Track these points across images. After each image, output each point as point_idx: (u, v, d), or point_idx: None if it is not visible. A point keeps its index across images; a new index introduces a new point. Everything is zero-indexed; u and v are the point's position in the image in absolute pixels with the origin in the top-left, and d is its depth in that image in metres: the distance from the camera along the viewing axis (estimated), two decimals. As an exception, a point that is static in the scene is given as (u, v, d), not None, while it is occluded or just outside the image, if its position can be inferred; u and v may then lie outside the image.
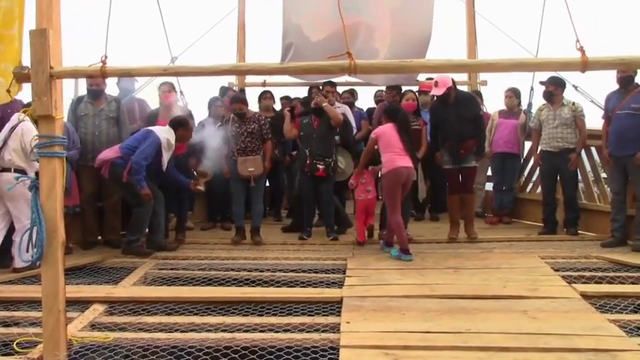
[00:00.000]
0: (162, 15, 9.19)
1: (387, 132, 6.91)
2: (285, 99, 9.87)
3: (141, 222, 6.97)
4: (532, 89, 9.15)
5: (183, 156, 7.65)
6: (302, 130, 7.80)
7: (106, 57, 3.76)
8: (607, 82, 7.40)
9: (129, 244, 6.94)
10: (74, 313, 4.76)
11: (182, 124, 7.24)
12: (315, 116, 7.74)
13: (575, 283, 5.45)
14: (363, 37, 9.04)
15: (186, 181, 7.48)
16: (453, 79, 7.64)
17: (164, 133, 7.03)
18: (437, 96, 7.57)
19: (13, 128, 6.24)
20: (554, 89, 7.93)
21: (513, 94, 9.06)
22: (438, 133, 7.66)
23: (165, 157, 7.04)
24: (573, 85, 8.28)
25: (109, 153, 6.93)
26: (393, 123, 6.95)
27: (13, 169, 6.17)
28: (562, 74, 7.77)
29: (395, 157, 6.79)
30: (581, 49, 3.44)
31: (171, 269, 6.33)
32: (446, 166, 7.63)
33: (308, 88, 9.81)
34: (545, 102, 8.15)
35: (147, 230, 7.13)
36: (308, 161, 7.62)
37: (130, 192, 6.88)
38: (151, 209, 6.96)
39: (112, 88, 8.20)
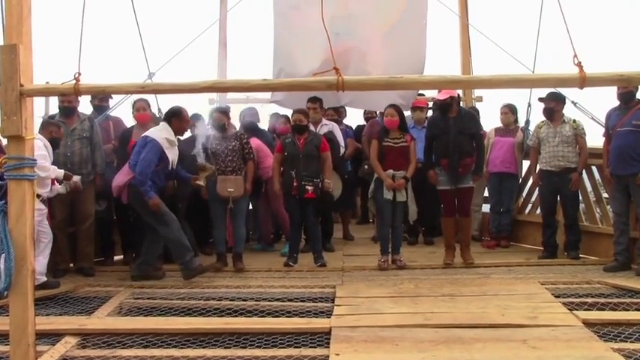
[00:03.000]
0: (140, 29, 9.22)
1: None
2: (275, 116, 9.87)
3: (179, 242, 6.94)
4: (529, 105, 9.22)
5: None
6: (286, 151, 7.80)
7: (79, 74, 3.78)
8: (608, 98, 7.49)
9: (188, 267, 6.90)
10: (44, 347, 4.72)
11: (175, 114, 7.15)
12: (299, 135, 7.77)
13: (577, 310, 5.47)
14: (355, 62, 9.13)
15: (187, 176, 7.43)
16: (458, 94, 7.73)
17: (160, 132, 6.99)
18: (439, 104, 7.62)
19: None
20: (555, 105, 8.01)
21: (510, 110, 9.12)
22: (433, 150, 7.72)
23: (171, 155, 7.03)
24: (572, 102, 8.35)
25: (122, 177, 6.98)
26: None
27: None
28: (561, 90, 7.84)
29: None
30: (579, 65, 3.50)
31: (148, 299, 6.29)
32: (441, 187, 7.67)
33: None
34: (544, 119, 8.21)
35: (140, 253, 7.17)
36: (295, 183, 7.63)
37: (154, 213, 6.86)
38: (178, 225, 6.97)
39: (84, 106, 8.18)
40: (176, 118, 7.14)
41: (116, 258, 8.20)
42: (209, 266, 7.32)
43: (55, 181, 6.89)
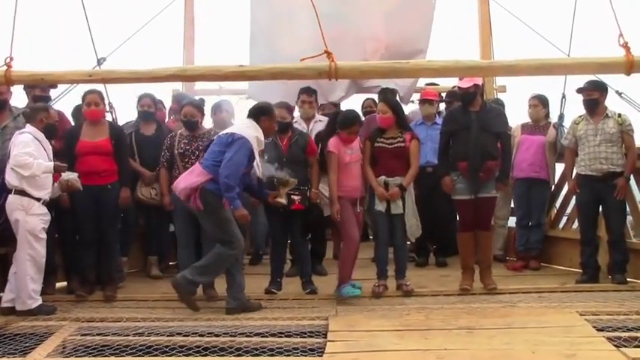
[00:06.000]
0: (84, 4, 9.15)
1: None
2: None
3: (220, 264, 6.93)
4: (564, 97, 9.24)
5: None
6: (266, 154, 7.73)
7: (11, 58, 3.74)
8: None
9: (190, 286, 6.92)
10: (-32, 396, 4.68)
11: (265, 112, 7.17)
12: (282, 135, 7.75)
13: (625, 346, 5.43)
14: (351, 50, 9.16)
15: (264, 192, 7.38)
16: (483, 84, 7.70)
17: (250, 130, 6.95)
18: (461, 93, 7.60)
19: None
20: (599, 96, 8.01)
21: (540, 102, 9.13)
22: (449, 151, 7.71)
23: (258, 159, 7.03)
24: (617, 92, 8.34)
25: (192, 177, 6.88)
26: None
27: (14, 191, 6.81)
28: (602, 77, 7.82)
29: None
30: (626, 46, 3.48)
31: (99, 335, 6.23)
32: (458, 196, 7.63)
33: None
34: (581, 113, 8.17)
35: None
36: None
37: (224, 228, 6.83)
38: (239, 255, 7.05)
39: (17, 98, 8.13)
40: (266, 117, 7.14)
41: (58, 285, 8.13)
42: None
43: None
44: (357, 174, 7.59)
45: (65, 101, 8.62)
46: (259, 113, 7.14)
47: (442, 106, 9.76)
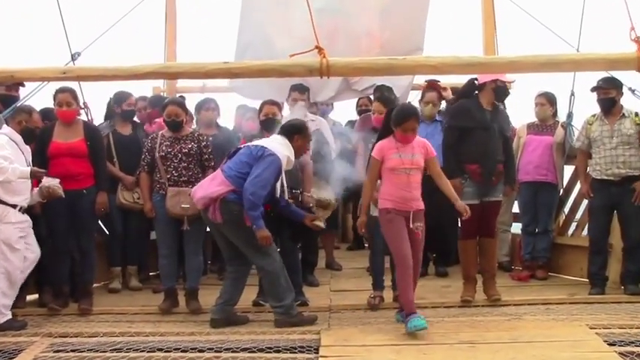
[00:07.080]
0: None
1: None
2: (242, 109, 9.88)
3: (279, 279, 6.88)
4: (573, 94, 9.23)
5: None
6: None
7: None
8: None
9: (287, 314, 6.85)
10: None
11: (299, 130, 7.14)
12: (268, 133, 7.73)
13: (639, 362, 5.46)
14: (345, 45, 9.20)
15: (300, 213, 7.34)
16: None
17: (283, 148, 6.92)
18: (501, 86, 7.60)
19: None
20: (616, 94, 7.99)
21: (547, 100, 9.12)
22: (457, 150, 7.65)
23: (285, 180, 7.02)
24: (630, 89, 8.33)
25: (213, 186, 6.82)
26: None
27: None
28: (612, 74, 7.81)
29: None
30: (638, 41, 3.49)
31: (73, 351, 6.19)
32: (465, 201, 7.55)
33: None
34: (594, 113, 8.17)
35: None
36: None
37: (251, 241, 6.76)
38: (279, 256, 6.95)
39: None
40: (300, 136, 7.11)
41: (29, 298, 8.09)
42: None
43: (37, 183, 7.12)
44: (407, 183, 6.63)
45: (35, 101, 8.59)
46: (293, 131, 7.10)
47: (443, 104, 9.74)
